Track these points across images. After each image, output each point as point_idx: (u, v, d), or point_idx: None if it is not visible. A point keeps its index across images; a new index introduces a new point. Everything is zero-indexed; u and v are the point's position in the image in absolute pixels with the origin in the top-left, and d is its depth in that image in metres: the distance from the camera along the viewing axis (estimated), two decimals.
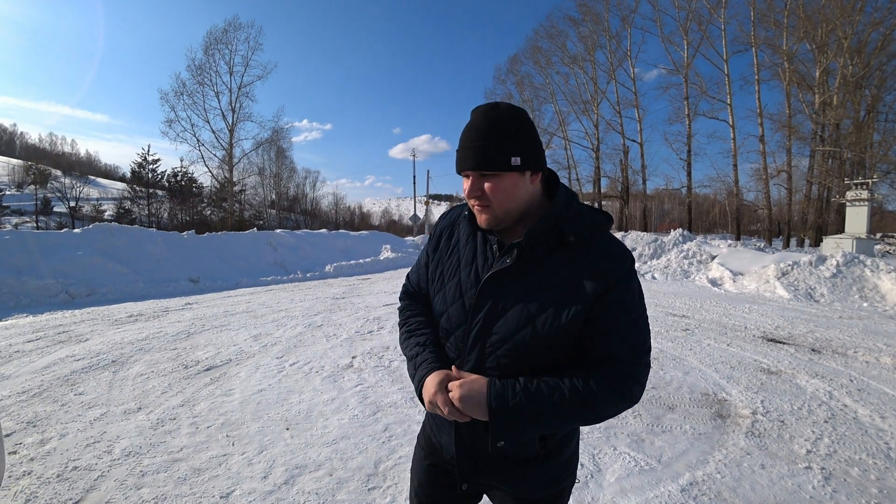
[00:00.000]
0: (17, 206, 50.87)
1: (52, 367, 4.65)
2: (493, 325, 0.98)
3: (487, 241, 1.06)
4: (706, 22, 26.14)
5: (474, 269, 1.04)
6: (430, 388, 0.97)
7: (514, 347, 0.96)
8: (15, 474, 2.62)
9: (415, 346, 1.10)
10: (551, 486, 1.08)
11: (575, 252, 0.97)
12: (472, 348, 1.01)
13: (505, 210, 0.99)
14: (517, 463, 1.05)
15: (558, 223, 0.98)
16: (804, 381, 4.12)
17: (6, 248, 10.21)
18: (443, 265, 1.13)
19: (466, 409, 0.92)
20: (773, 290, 9.33)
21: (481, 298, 1.00)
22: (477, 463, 1.06)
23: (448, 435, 1.10)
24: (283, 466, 2.69)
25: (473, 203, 1.02)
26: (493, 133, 0.95)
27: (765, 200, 24.98)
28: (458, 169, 1.01)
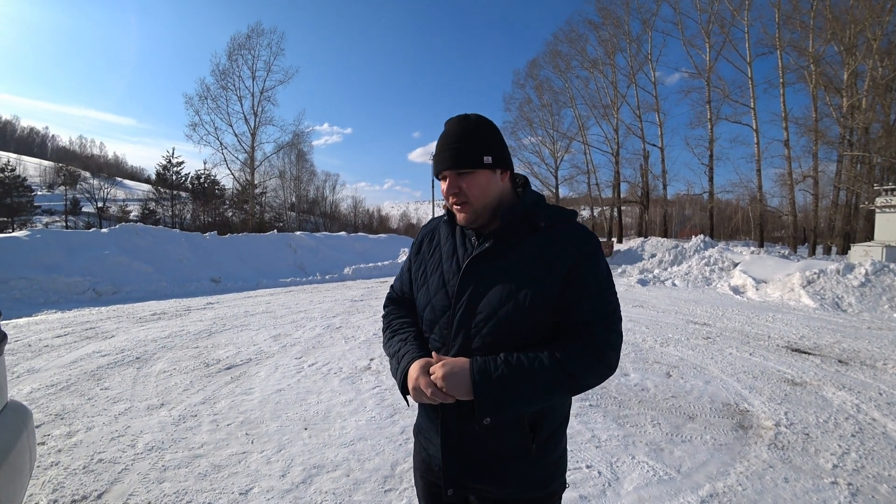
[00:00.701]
0: (48, 206, 52.56)
1: (79, 362, 4.79)
2: (477, 306, 1.03)
3: (466, 234, 1.14)
4: (729, 24, 25.71)
5: (455, 260, 1.11)
6: (412, 375, 1.00)
7: (497, 324, 1.00)
8: (43, 464, 2.72)
9: (398, 342, 1.14)
10: (540, 488, 1.08)
11: (546, 236, 1.05)
12: (457, 332, 1.05)
13: (482, 204, 1.07)
14: (506, 461, 1.05)
15: (529, 213, 1.07)
16: (830, 393, 4.01)
17: (38, 246, 10.57)
18: (425, 264, 1.19)
19: (450, 388, 0.94)
20: (797, 299, 9.10)
21: (463, 283, 1.06)
22: (464, 463, 1.07)
23: (434, 444, 1.11)
24: (301, 466, 2.72)
25: (453, 201, 1.09)
26: (466, 137, 1.06)
27: (790, 206, 24.38)
28: (436, 171, 1.10)
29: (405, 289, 1.28)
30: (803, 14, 22.82)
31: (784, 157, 23.98)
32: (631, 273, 14.33)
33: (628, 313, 7.85)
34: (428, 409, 1.13)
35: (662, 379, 4.34)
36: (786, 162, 23.90)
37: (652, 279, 12.89)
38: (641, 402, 3.78)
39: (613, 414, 3.51)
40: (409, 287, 1.25)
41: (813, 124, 22.85)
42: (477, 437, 1.05)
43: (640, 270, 14.45)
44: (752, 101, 25.07)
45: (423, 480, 1.21)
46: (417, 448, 1.24)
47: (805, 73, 22.93)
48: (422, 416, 1.20)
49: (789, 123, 23.65)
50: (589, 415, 3.48)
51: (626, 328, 6.33)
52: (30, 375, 4.36)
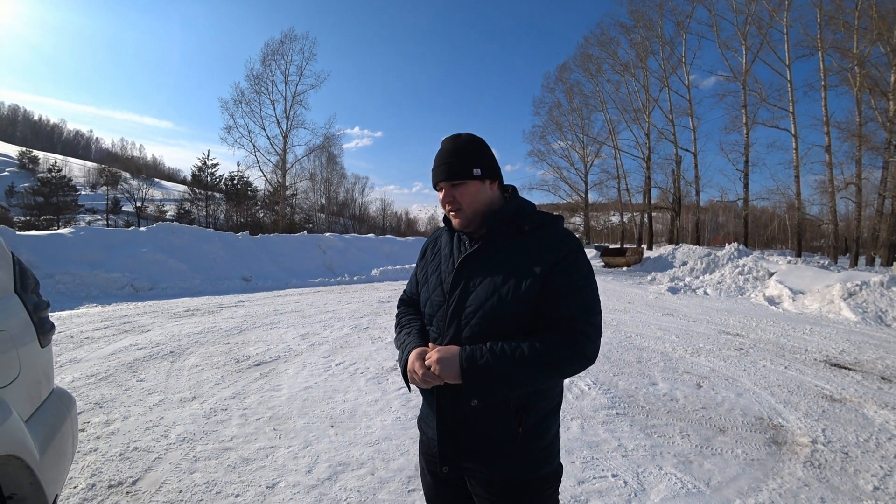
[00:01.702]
0: (91, 205, 54.95)
1: (117, 354, 4.99)
2: (467, 300, 1.16)
3: (461, 239, 1.28)
4: (767, 26, 24.91)
5: (451, 261, 1.26)
6: (410, 360, 1.15)
7: (484, 316, 1.12)
8: (83, 450, 2.84)
9: (403, 336, 1.29)
10: (530, 471, 1.16)
11: (531, 238, 1.18)
12: (450, 323, 1.18)
13: (473, 210, 1.22)
14: (494, 442, 1.14)
15: (515, 217, 1.21)
16: (872, 411, 3.82)
17: (81, 243, 11.07)
18: (427, 266, 1.35)
19: (442, 372, 1.07)
20: (837, 312, 8.72)
21: (456, 280, 1.20)
22: (458, 444, 1.17)
23: (432, 428, 1.22)
24: (327, 462, 2.77)
25: (448, 209, 1.24)
26: (458, 152, 1.22)
27: (830, 215, 23.40)
28: (433, 183, 1.25)
29: (413, 290, 1.43)
30: (847, 14, 21.90)
31: (825, 164, 23.02)
32: (661, 281, 14.02)
33: (658, 322, 7.68)
34: (427, 397, 1.24)
35: (692, 390, 4.23)
36: (827, 168, 22.95)
37: (683, 287, 12.57)
38: (670, 412, 3.69)
39: (641, 423, 3.44)
40: (416, 289, 1.40)
41: (857, 129, 21.86)
42: (468, 420, 1.15)
43: (671, 278, 14.11)
44: (790, 104, 24.22)
45: (424, 463, 1.31)
46: (420, 436, 1.35)
47: (848, 76, 21.99)
48: (423, 405, 1.30)
49: (831, 128, 22.71)
50: (615, 423, 3.42)
51: (655, 337, 6.26)
52: (72, 365, 4.56)
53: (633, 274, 17.43)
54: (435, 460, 1.23)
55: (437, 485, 1.29)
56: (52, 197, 45.72)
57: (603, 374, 4.62)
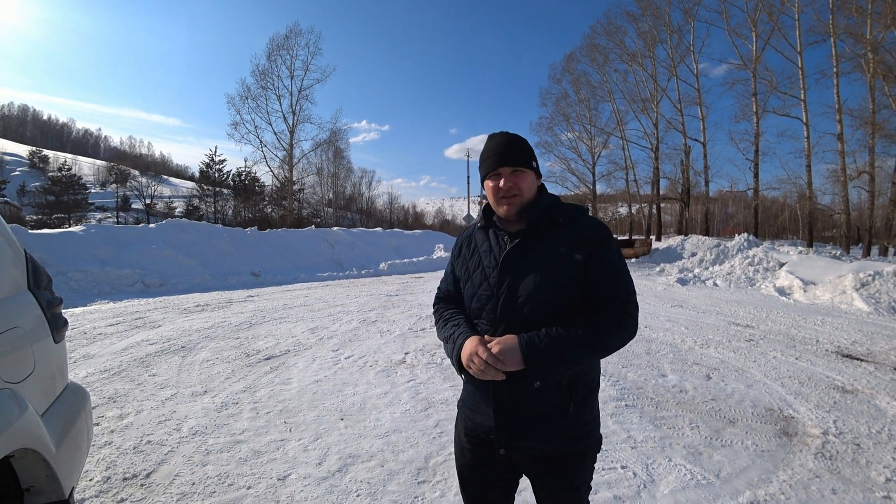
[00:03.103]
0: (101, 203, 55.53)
1: (129, 350, 5.06)
2: (516, 292, 1.23)
3: (499, 235, 1.33)
4: (778, 12, 24.41)
5: (493, 256, 1.31)
6: (468, 348, 1.19)
7: (534, 304, 1.20)
8: (98, 444, 2.90)
9: (451, 327, 1.33)
10: (579, 441, 1.26)
11: (565, 229, 1.27)
12: (501, 315, 1.24)
13: (527, 199, 1.30)
14: (548, 419, 1.23)
15: (548, 211, 1.30)
16: (885, 402, 3.78)
17: (92, 240, 11.20)
18: (467, 263, 1.39)
19: (505, 359, 1.13)
20: (849, 303, 8.62)
21: (502, 274, 1.26)
22: (514, 426, 1.23)
23: (481, 413, 1.29)
24: (337, 455, 2.79)
25: (503, 195, 1.28)
26: (518, 145, 1.31)
27: (842, 204, 23.04)
28: (491, 169, 1.31)
29: (451, 288, 1.48)
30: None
31: (837, 152, 22.63)
32: (670, 272, 13.92)
33: (667, 313, 7.64)
34: (479, 383, 1.27)
35: (702, 381, 4.21)
36: (839, 157, 22.55)
37: (692, 278, 12.48)
38: (679, 403, 3.68)
39: (650, 415, 3.43)
40: (453, 286, 1.46)
41: (870, 116, 21.45)
42: (523, 402, 1.22)
43: (680, 269, 14.01)
44: (802, 92, 23.79)
45: (469, 444, 1.36)
46: (461, 418, 1.40)
47: (862, 62, 21.53)
48: (469, 391, 1.35)
49: (843, 116, 22.29)
50: (625, 415, 3.41)
51: (664, 328, 6.23)
52: (85, 361, 4.64)
53: (642, 265, 17.31)
54: (482, 441, 1.31)
55: (481, 465, 1.34)
56: (63, 195, 46.28)
57: (612, 365, 4.61)
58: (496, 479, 1.35)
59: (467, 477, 1.38)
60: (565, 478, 1.28)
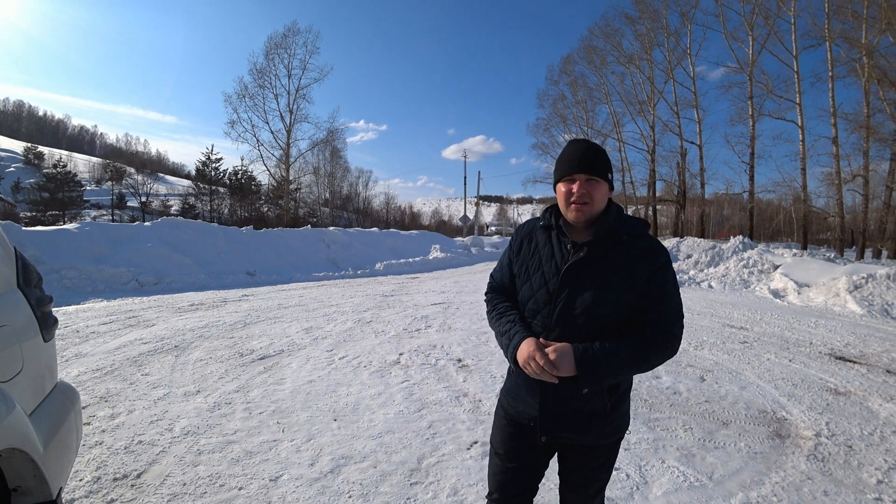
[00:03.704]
0: (96, 201, 55.16)
1: (122, 349, 5.03)
2: (574, 303, 1.30)
3: (562, 241, 1.38)
4: (774, 16, 24.53)
5: (554, 263, 1.37)
6: (525, 350, 1.28)
7: (590, 317, 1.28)
8: (88, 443, 2.87)
9: (507, 322, 1.41)
10: (615, 433, 1.41)
11: (628, 247, 1.32)
12: (556, 322, 1.32)
13: (597, 209, 1.34)
14: (590, 415, 1.35)
15: (614, 226, 1.34)
16: (877, 404, 3.80)
17: (86, 238, 11.13)
18: (527, 263, 1.44)
19: (559, 365, 1.22)
20: (843, 305, 8.66)
21: (563, 284, 1.32)
22: (558, 418, 1.36)
23: (524, 403, 1.41)
24: (330, 455, 2.78)
25: (575, 200, 1.32)
26: (596, 155, 1.34)
27: (837, 207, 23.16)
28: (567, 173, 1.34)
29: (506, 281, 1.54)
30: (855, 3, 21.53)
31: (832, 155, 22.75)
32: None
33: None
34: (527, 378, 1.36)
35: (696, 383, 4.22)
36: (834, 160, 22.67)
37: (687, 280, 12.52)
38: (673, 405, 3.69)
39: (644, 417, 3.44)
40: (508, 279, 1.52)
41: (864, 120, 21.58)
42: (568, 398, 1.33)
43: (676, 271, 14.05)
44: (797, 96, 23.91)
45: (510, 427, 1.48)
46: (503, 406, 1.52)
47: (857, 66, 21.66)
48: (515, 383, 1.46)
49: (838, 119, 22.40)
50: None
51: None
52: (77, 360, 4.60)
53: None
54: (522, 426, 1.44)
55: (519, 447, 1.46)
56: (58, 192, 45.92)
57: None
58: (531, 460, 1.46)
59: (503, 455, 1.48)
60: (598, 462, 1.43)
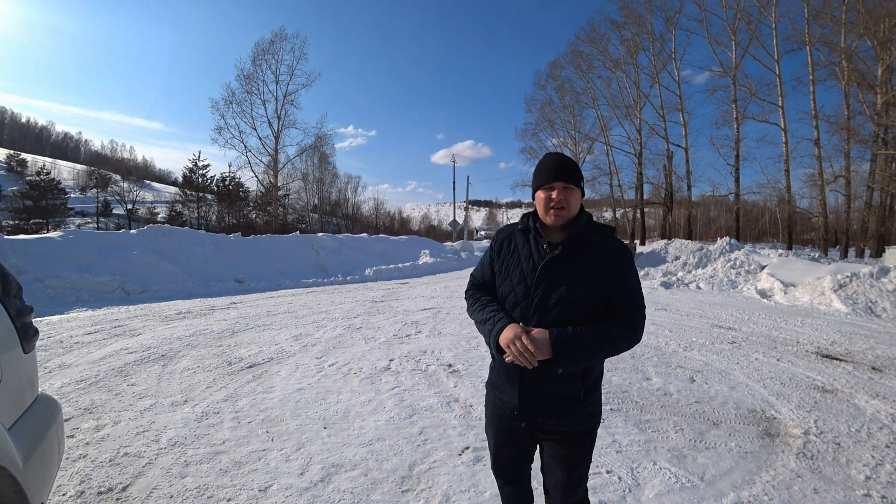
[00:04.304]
0: (81, 208, 54.29)
1: (107, 359, 4.93)
2: (550, 294, 1.46)
3: (539, 242, 1.55)
4: (756, 21, 25.01)
5: (532, 261, 1.53)
6: (509, 333, 1.42)
7: (564, 307, 1.44)
8: (72, 457, 2.80)
9: (490, 311, 1.55)
10: (588, 420, 1.54)
11: (596, 248, 1.50)
12: (534, 312, 1.47)
13: (572, 213, 1.51)
14: (565, 401, 1.49)
15: (585, 229, 1.52)
16: (863, 401, 3.86)
17: (71, 246, 10.94)
18: (507, 261, 1.60)
19: (537, 349, 1.37)
20: (828, 304, 8.80)
21: (539, 279, 1.48)
22: (535, 405, 1.50)
23: (507, 393, 1.56)
24: (320, 464, 2.75)
25: (554, 205, 1.49)
26: (573, 166, 1.52)
27: (820, 208, 23.60)
28: (545, 182, 1.51)
29: (487, 278, 1.69)
30: (834, 8, 22.04)
31: (814, 157, 23.18)
32: (654, 276, 14.07)
33: (651, 317, 7.69)
34: (507, 366, 1.52)
35: (686, 384, 4.25)
36: (816, 162, 23.10)
37: (675, 282, 12.63)
38: (664, 406, 3.70)
39: (635, 419, 3.44)
40: (489, 277, 1.67)
41: (845, 122, 22.04)
42: (544, 386, 1.49)
43: (664, 273, 14.17)
44: (780, 99, 24.36)
45: (498, 420, 1.64)
46: (490, 398, 1.68)
47: (836, 70, 22.13)
48: (497, 374, 1.61)
49: (820, 122, 22.87)
50: (610, 419, 3.42)
51: (648, 332, 6.27)
52: (61, 370, 4.51)
53: None
54: (511, 416, 1.56)
55: (507, 435, 1.62)
56: (41, 200, 45.12)
57: None
58: (518, 445, 1.63)
59: (495, 442, 1.67)
60: (575, 449, 1.54)
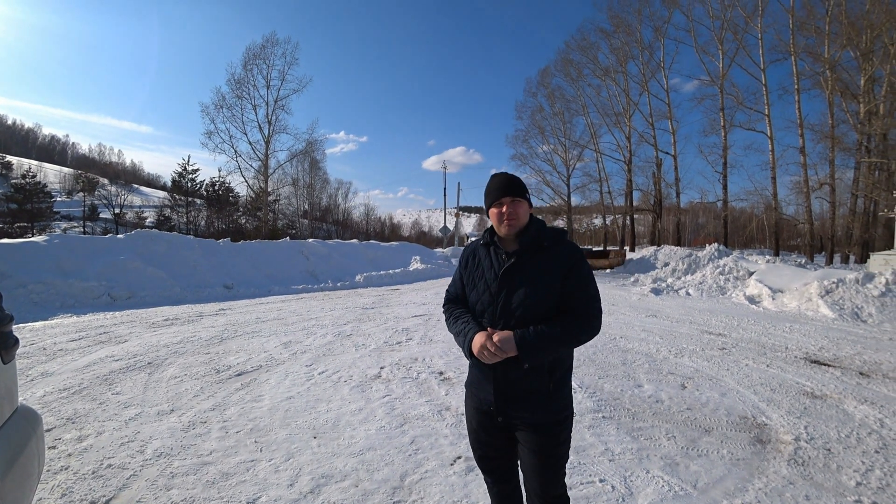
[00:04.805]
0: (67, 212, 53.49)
1: (92, 367, 4.83)
2: (511, 299, 1.60)
3: (498, 253, 1.71)
4: (742, 31, 25.53)
5: (493, 271, 1.69)
6: (478, 341, 1.57)
7: (525, 310, 1.58)
8: (53, 469, 2.73)
9: (462, 323, 1.70)
10: (559, 412, 1.64)
11: (549, 252, 1.64)
12: (500, 316, 1.61)
13: (522, 222, 1.67)
14: (536, 395, 1.61)
15: (536, 235, 1.66)
16: (852, 406, 3.89)
17: (56, 251, 10.75)
18: (473, 274, 1.76)
19: (503, 347, 1.51)
20: (815, 309, 8.90)
21: (501, 286, 1.64)
22: (508, 400, 1.63)
23: (483, 391, 1.69)
24: (310, 475, 2.69)
25: (506, 218, 1.65)
26: (515, 182, 1.69)
27: (806, 214, 23.99)
28: (495, 200, 1.68)
29: (459, 292, 1.84)
30: (818, 19, 22.55)
31: (800, 165, 23.63)
32: (644, 282, 14.16)
33: (642, 323, 7.74)
34: (482, 366, 1.65)
35: (677, 391, 4.25)
36: (802, 169, 23.54)
37: (665, 288, 12.72)
38: (656, 414, 3.70)
39: (627, 426, 3.43)
40: (461, 290, 1.82)
41: (829, 131, 22.49)
42: (515, 381, 1.61)
43: (654, 279, 14.27)
44: (766, 107, 24.81)
45: (477, 416, 1.74)
46: (469, 396, 1.80)
47: (821, 79, 22.61)
48: (474, 373, 1.73)
49: (805, 130, 23.33)
50: (602, 427, 3.41)
51: (639, 338, 6.32)
52: (43, 379, 4.40)
53: (616, 276, 17.59)
54: (489, 412, 1.68)
55: (486, 431, 1.72)
56: (27, 204, 44.39)
57: (588, 376, 4.62)
58: (498, 439, 1.73)
59: (477, 440, 1.77)
60: (549, 440, 1.62)
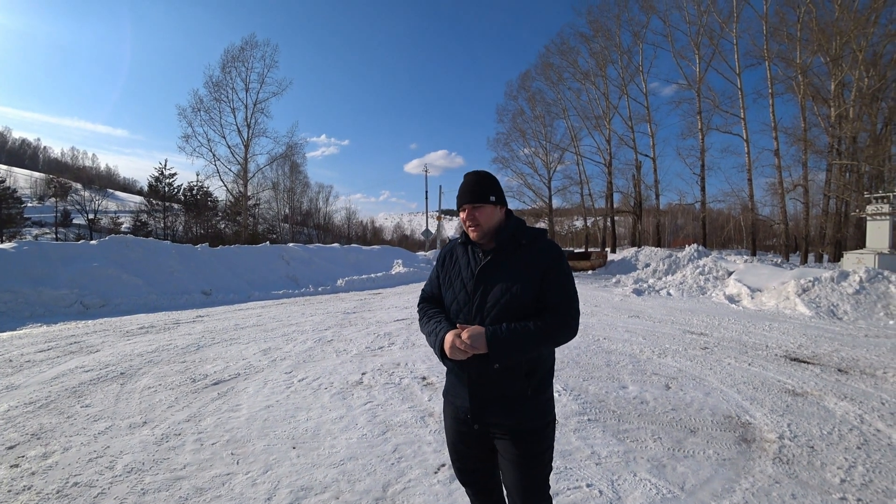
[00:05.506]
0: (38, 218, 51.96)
1: (60, 378, 4.63)
2: (487, 297, 1.55)
3: (475, 251, 1.66)
4: (718, 36, 26.13)
5: (470, 269, 1.63)
6: (448, 339, 1.50)
7: (500, 308, 1.52)
8: (14, 489, 2.57)
9: (434, 323, 1.63)
10: (539, 419, 1.56)
11: (528, 250, 1.59)
12: (475, 314, 1.55)
13: (487, 227, 1.61)
14: (512, 400, 1.54)
15: (515, 234, 1.61)
16: (832, 403, 3.93)
17: (25, 258, 10.35)
18: (450, 273, 1.71)
19: (473, 343, 1.44)
20: (793, 308, 9.07)
21: (477, 284, 1.59)
22: (484, 405, 1.56)
23: (459, 397, 1.61)
24: (288, 488, 2.59)
25: (468, 225, 1.62)
26: (478, 183, 1.62)
27: (781, 215, 24.58)
28: (458, 205, 1.64)
29: (434, 291, 1.79)
30: (790, 26, 23.20)
31: (775, 167, 24.22)
32: (625, 283, 14.29)
33: (625, 324, 7.77)
34: (457, 372, 1.60)
35: (661, 391, 4.25)
36: (776, 171, 24.14)
37: (647, 289, 12.85)
38: (641, 415, 3.68)
39: (613, 429, 3.40)
40: (437, 289, 1.77)
41: (802, 134, 23.12)
42: (491, 385, 1.53)
43: (635, 280, 14.41)
44: (741, 111, 25.38)
45: (454, 424, 1.67)
46: (446, 405, 1.71)
47: (793, 84, 23.24)
48: (450, 380, 1.67)
49: (779, 133, 23.94)
50: (588, 430, 3.37)
51: (622, 339, 6.32)
52: (8, 392, 4.19)
53: (598, 277, 17.73)
54: (465, 420, 1.61)
55: (464, 440, 1.64)
56: None
57: (573, 379, 4.59)
58: (477, 449, 1.65)
59: (455, 449, 1.69)
60: (528, 448, 1.53)
